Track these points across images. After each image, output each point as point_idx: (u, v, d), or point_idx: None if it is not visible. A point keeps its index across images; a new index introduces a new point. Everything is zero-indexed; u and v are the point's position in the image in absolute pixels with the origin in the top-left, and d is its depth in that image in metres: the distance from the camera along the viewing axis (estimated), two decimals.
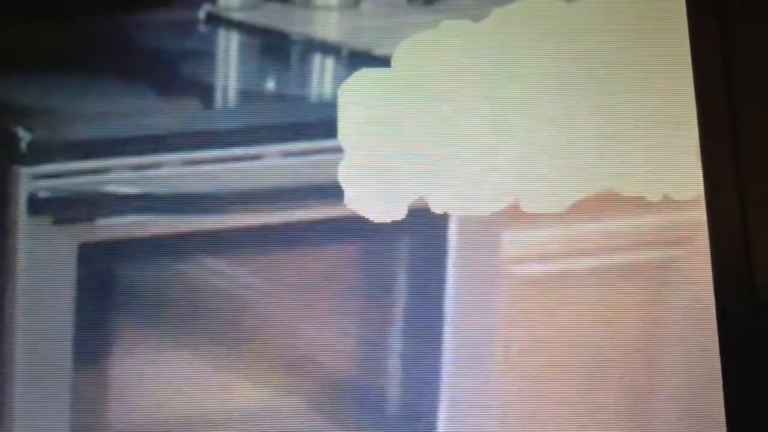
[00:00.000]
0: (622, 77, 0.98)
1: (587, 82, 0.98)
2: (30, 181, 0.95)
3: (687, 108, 0.98)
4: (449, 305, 0.95)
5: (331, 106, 0.97)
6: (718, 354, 0.93)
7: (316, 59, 1.01)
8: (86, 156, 0.96)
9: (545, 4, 1.00)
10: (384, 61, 0.98)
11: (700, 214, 0.96)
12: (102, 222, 0.95)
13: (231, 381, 0.93)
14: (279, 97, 1.00)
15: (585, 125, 0.97)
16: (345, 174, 0.96)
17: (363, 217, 0.96)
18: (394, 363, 0.94)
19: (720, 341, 0.93)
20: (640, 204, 0.97)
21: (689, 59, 0.98)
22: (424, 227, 0.96)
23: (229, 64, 1.01)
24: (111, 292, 0.94)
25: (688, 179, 0.96)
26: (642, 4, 1.00)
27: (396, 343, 0.95)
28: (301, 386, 0.93)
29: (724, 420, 0.92)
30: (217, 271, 0.95)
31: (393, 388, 0.94)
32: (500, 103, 0.98)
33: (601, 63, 0.98)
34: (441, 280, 0.95)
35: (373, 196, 0.96)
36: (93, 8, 0.99)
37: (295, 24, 1.02)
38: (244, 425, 0.93)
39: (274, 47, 1.02)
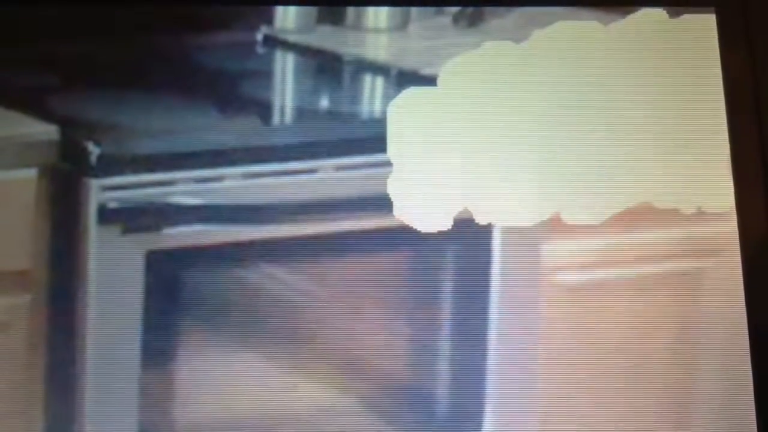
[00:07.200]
0: (658, 96, 1.01)
1: (624, 101, 1.01)
2: (99, 192, 0.97)
3: (720, 125, 1.00)
4: (494, 311, 0.97)
5: (381, 122, 1.00)
6: (749, 360, 0.95)
7: (367, 79, 1.03)
8: (152, 169, 0.98)
9: (583, 27, 1.03)
10: (431, 80, 1.01)
11: (732, 227, 0.98)
12: (168, 231, 0.97)
13: (290, 381, 0.95)
14: (332, 114, 1.02)
15: (623, 142, 1.00)
16: (394, 186, 0.98)
17: (411, 227, 0.98)
18: (442, 366, 0.96)
19: (751, 348, 0.96)
20: (674, 216, 0.99)
21: (720, 77, 1.01)
22: (470, 237, 0.98)
23: (286, 83, 1.03)
24: (177, 296, 0.96)
25: (720, 193, 0.99)
26: (674, 26, 1.03)
27: (444, 346, 0.96)
28: (357, 387, 0.95)
29: (755, 425, 0.94)
30: (275, 278, 0.97)
31: (442, 389, 0.96)
32: (541, 119, 1.00)
33: (637, 82, 1.01)
34: (486, 287, 0.97)
35: (420, 208, 0.98)
36: (158, 29, 1.01)
37: (347, 46, 1.04)
38: (303, 423, 0.95)
39: (327, 67, 1.04)
